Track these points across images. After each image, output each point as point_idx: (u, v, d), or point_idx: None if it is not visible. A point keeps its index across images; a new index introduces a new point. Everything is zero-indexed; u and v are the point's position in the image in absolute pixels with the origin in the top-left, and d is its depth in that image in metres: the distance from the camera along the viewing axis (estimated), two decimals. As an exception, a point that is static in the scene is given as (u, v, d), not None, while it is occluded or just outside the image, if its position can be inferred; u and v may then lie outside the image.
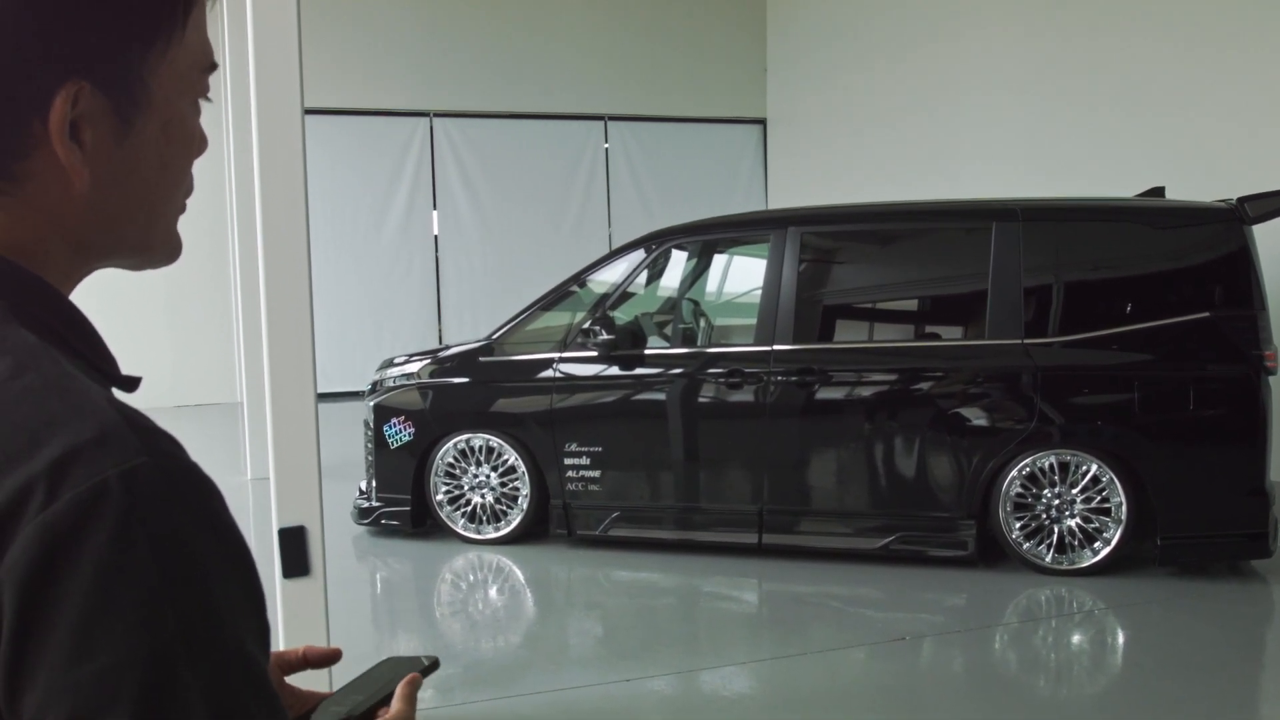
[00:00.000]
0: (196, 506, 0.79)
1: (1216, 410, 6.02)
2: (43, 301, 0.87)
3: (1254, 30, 8.26)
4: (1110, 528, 6.06)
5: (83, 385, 0.81)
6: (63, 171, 0.86)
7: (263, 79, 3.55)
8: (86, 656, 0.72)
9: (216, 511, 0.80)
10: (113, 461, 0.75)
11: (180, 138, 0.95)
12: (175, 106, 0.93)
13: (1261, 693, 4.96)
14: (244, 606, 0.80)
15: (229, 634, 0.78)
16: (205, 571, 0.77)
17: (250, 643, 0.79)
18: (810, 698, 4.73)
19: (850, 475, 6.47)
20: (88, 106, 0.85)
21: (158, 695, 0.73)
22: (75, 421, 0.77)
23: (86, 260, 0.92)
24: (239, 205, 9.03)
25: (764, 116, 15.23)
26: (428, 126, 13.98)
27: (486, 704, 4.63)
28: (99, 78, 0.86)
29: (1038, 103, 10.35)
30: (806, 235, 6.69)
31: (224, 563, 0.79)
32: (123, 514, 0.74)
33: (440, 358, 7.28)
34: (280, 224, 3.57)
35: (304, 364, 3.58)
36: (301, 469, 3.58)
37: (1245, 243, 5.98)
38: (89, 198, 0.88)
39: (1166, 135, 8.95)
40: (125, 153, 0.89)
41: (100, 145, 0.87)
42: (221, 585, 0.78)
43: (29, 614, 0.72)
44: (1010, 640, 5.40)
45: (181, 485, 0.78)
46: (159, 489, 0.76)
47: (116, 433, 0.77)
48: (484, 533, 6.97)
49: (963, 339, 6.61)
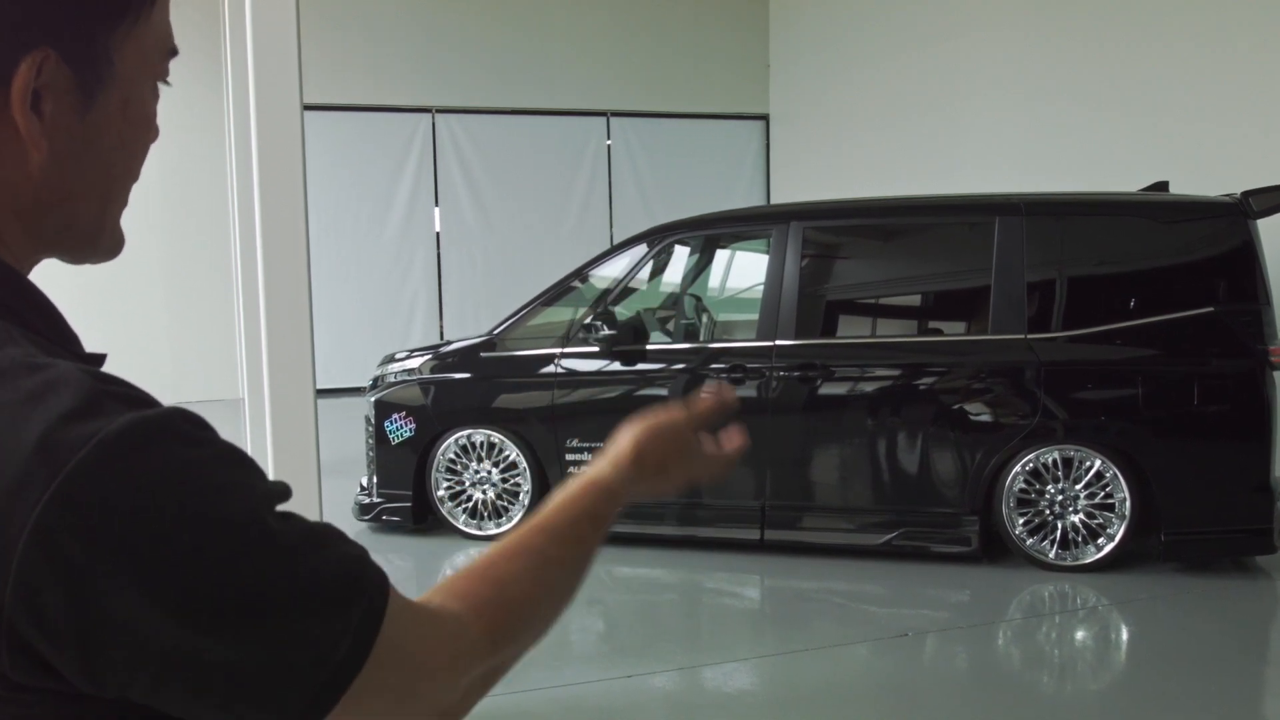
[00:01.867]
0: (190, 437, 0.80)
1: (1221, 405, 6.00)
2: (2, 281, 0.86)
3: (1258, 27, 8.23)
4: (1114, 523, 6.04)
5: (48, 359, 0.80)
6: (19, 143, 0.84)
7: (261, 74, 3.53)
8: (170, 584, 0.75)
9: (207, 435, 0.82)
10: (100, 425, 0.75)
11: (139, 118, 0.93)
12: (136, 86, 0.91)
13: (1266, 689, 4.94)
14: (262, 486, 0.83)
15: (253, 521, 0.80)
16: (218, 488, 0.79)
17: (268, 516, 0.82)
18: (813, 694, 4.72)
19: (853, 471, 6.45)
20: (51, 77, 0.84)
21: (261, 535, 0.79)
22: (51, 396, 0.77)
23: (36, 244, 0.90)
24: (240, 201, 9.00)
25: (766, 112, 15.21)
26: (430, 122, 13.96)
27: (488, 700, 4.58)
28: (65, 48, 0.84)
29: (1041, 98, 10.33)
30: (809, 230, 6.67)
31: (233, 472, 0.82)
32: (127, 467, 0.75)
33: (441, 353, 7.27)
34: (279, 220, 3.55)
35: (303, 360, 3.56)
36: (301, 465, 3.56)
37: (1250, 237, 5.96)
38: (45, 172, 0.86)
39: (1170, 130, 8.92)
40: (85, 128, 0.87)
41: (60, 118, 0.85)
42: (236, 490, 0.81)
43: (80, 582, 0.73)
44: (1014, 636, 5.38)
45: (169, 426, 0.79)
46: (151, 435, 0.77)
47: (95, 398, 0.77)
48: (485, 529, 6.96)
49: (966, 334, 6.58)
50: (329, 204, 13.26)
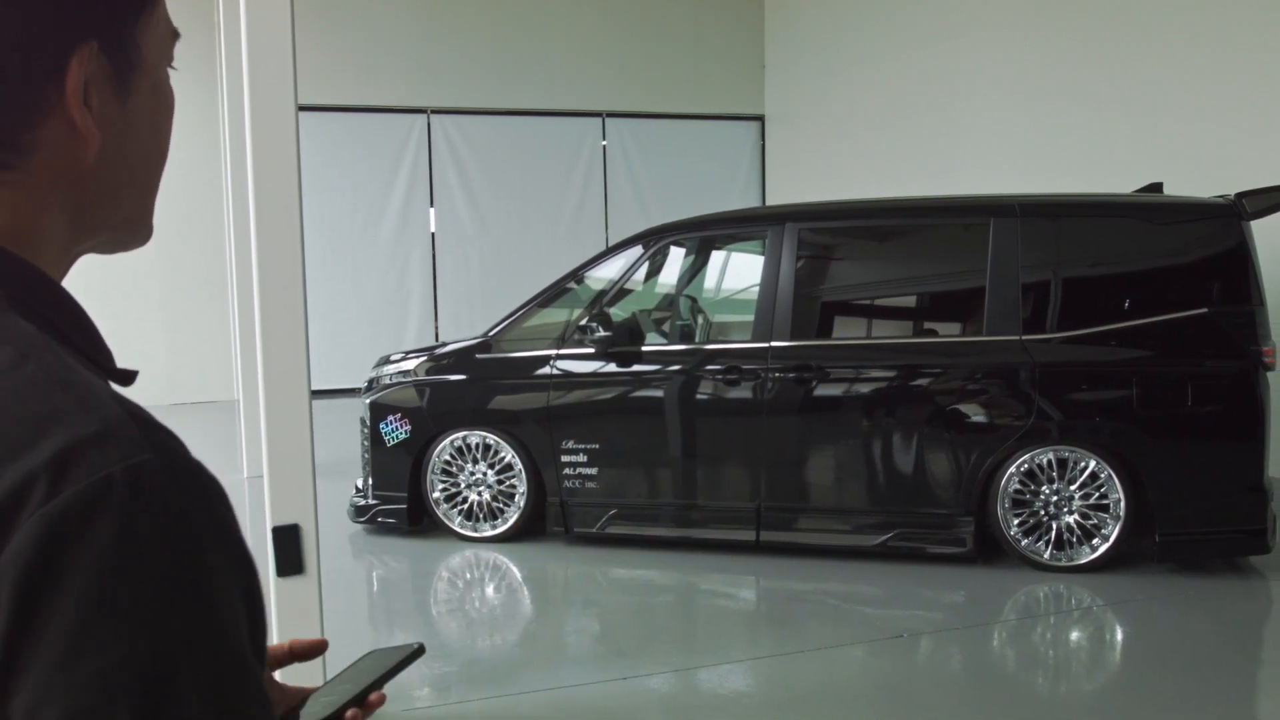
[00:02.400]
0: (201, 505, 0.77)
1: (1215, 406, 6.01)
2: (40, 292, 0.86)
3: (1254, 29, 8.24)
4: (1109, 524, 6.05)
5: (85, 378, 0.79)
6: (71, 139, 0.86)
7: (256, 75, 3.53)
8: (86, 655, 0.70)
9: (220, 511, 0.79)
10: (117, 457, 0.74)
11: (166, 102, 0.96)
12: (159, 70, 0.94)
13: (1260, 689, 4.95)
14: (243, 610, 0.79)
15: (230, 637, 0.76)
16: (209, 572, 0.76)
17: (249, 648, 0.78)
18: (808, 695, 4.72)
19: (848, 472, 6.45)
20: (93, 70, 0.85)
21: (157, 697, 0.71)
22: (79, 415, 0.75)
23: (80, 237, 0.91)
24: (235, 202, 9.01)
25: (762, 113, 15.22)
26: (425, 123, 13.96)
27: (483, 702, 4.61)
28: (104, 40, 0.86)
29: (1036, 100, 10.34)
30: (804, 231, 6.67)
31: (227, 564, 0.78)
32: (127, 511, 0.72)
33: (437, 355, 7.26)
34: (273, 221, 3.55)
35: (297, 361, 3.56)
36: (295, 467, 3.56)
37: (1244, 238, 5.97)
38: (94, 164, 0.88)
39: (1165, 131, 8.94)
40: (126, 116, 0.89)
41: (106, 108, 0.87)
42: (224, 587, 0.77)
43: (27, 610, 0.70)
44: (1009, 637, 5.39)
45: (186, 483, 0.77)
46: (164, 486, 0.75)
47: (121, 427, 0.75)
48: (481, 530, 6.96)
49: (961, 335, 6.59)
50: (324, 205, 13.26)
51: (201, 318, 13.07)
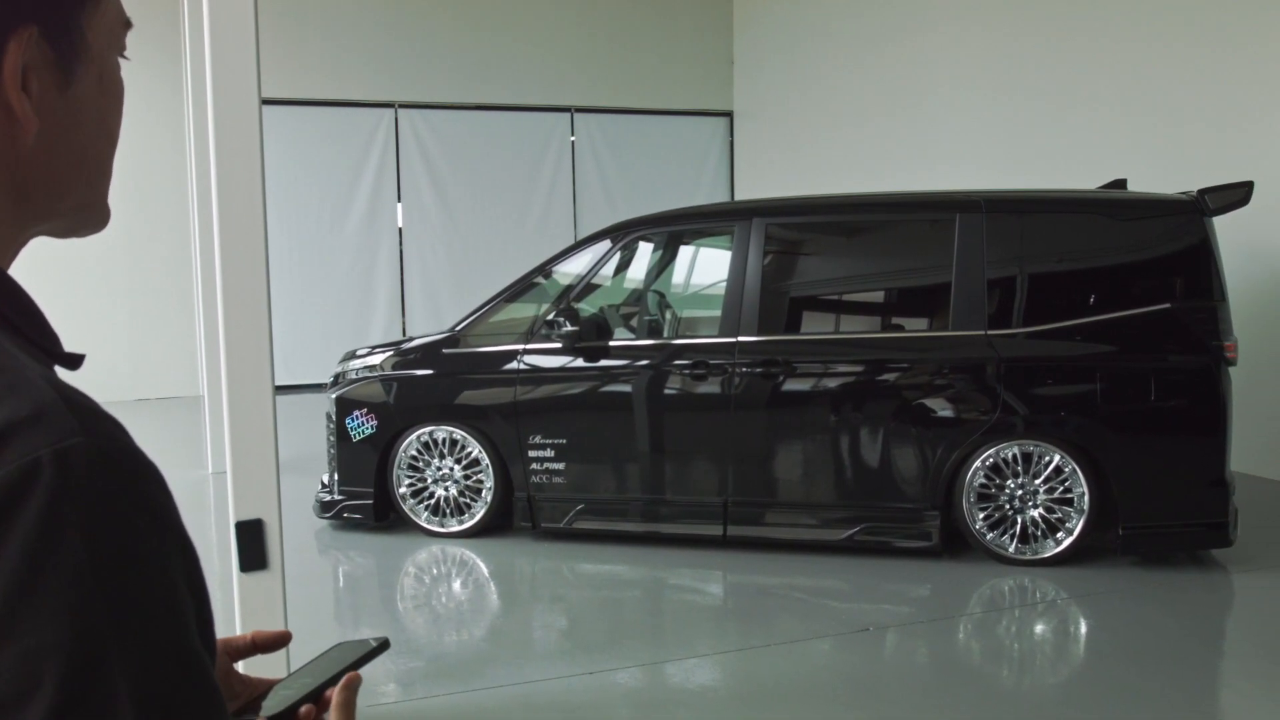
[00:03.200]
0: (134, 490, 0.77)
1: (1178, 401, 6.06)
2: None
3: (1214, 27, 8.32)
4: (1073, 518, 6.09)
5: (18, 362, 0.78)
6: (7, 124, 0.85)
7: (219, 68, 3.49)
8: (10, 639, 0.70)
9: (155, 497, 0.78)
10: (46, 440, 0.73)
11: (114, 91, 0.95)
12: (107, 59, 0.93)
13: (1221, 680, 5.00)
14: (182, 595, 0.78)
15: (164, 622, 0.76)
16: (140, 557, 0.75)
17: (188, 633, 0.77)
18: (775, 689, 4.73)
19: (815, 467, 6.47)
20: (34, 56, 0.84)
21: (82, 681, 0.71)
22: (9, 398, 0.75)
23: (25, 222, 0.90)
24: (200, 196, 8.94)
25: (730, 109, 15.24)
26: (393, 118, 13.90)
27: (449, 698, 4.60)
28: (46, 25, 0.85)
29: (1002, 97, 10.40)
30: (771, 227, 6.68)
31: (161, 549, 0.77)
32: (53, 494, 0.72)
33: (403, 350, 7.23)
34: (236, 215, 3.52)
35: (261, 356, 3.53)
36: (259, 462, 3.54)
37: (1206, 234, 6.02)
38: (35, 150, 0.87)
39: (1128, 129, 9.01)
40: (68, 104, 0.88)
41: (45, 95, 0.86)
42: (158, 572, 0.76)
43: None
44: (974, 630, 5.42)
45: (119, 468, 0.76)
46: (94, 471, 0.74)
47: (52, 411, 0.75)
48: (448, 526, 6.94)
49: (927, 330, 6.62)
50: (291, 200, 13.19)
51: (167, 313, 12.97)
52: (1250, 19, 8.05)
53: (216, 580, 6.07)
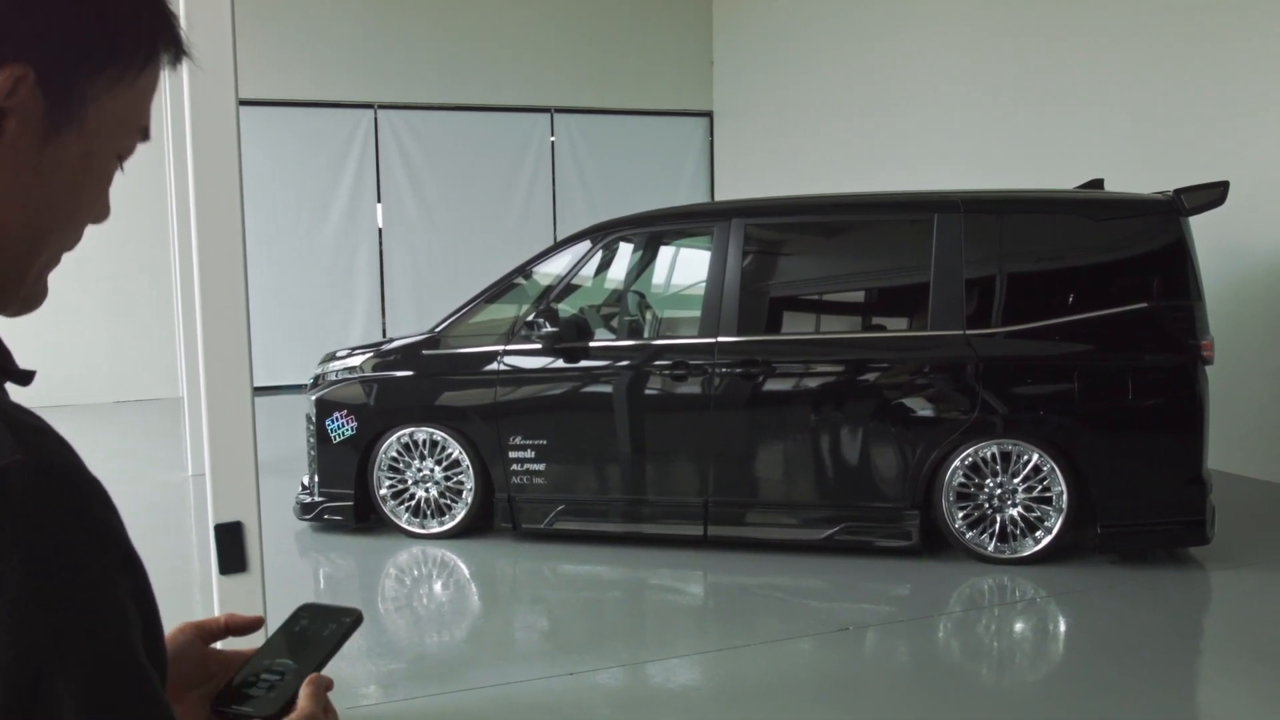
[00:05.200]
0: (75, 508, 0.76)
1: (1155, 399, 6.10)
2: None
3: (1192, 28, 8.37)
4: (1051, 516, 6.12)
5: None
6: None
7: (196, 69, 3.48)
8: None
9: (98, 514, 0.77)
10: None
11: (97, 176, 0.89)
12: (102, 145, 0.88)
13: (1199, 677, 5.04)
14: (127, 612, 0.77)
15: (108, 640, 0.75)
16: (81, 575, 0.74)
17: (133, 650, 0.77)
18: (756, 688, 4.74)
19: (795, 467, 6.48)
20: (22, 100, 0.81)
21: (24, 701, 0.70)
22: None
23: None
24: (178, 198, 8.90)
25: (710, 109, 15.26)
26: (372, 118, 13.86)
27: (430, 699, 4.60)
28: (44, 73, 0.81)
29: (980, 97, 10.44)
30: (750, 227, 6.69)
31: (103, 567, 0.76)
32: None
33: (383, 351, 7.21)
34: (214, 216, 3.51)
35: (239, 358, 3.52)
36: (238, 464, 3.53)
37: (1182, 234, 6.06)
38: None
39: (1105, 129, 9.06)
40: (40, 161, 0.84)
41: (19, 142, 0.82)
42: (100, 590, 0.76)
43: None
44: (954, 629, 5.44)
45: (59, 486, 0.75)
46: (33, 490, 0.73)
47: None
48: (428, 527, 6.92)
49: (906, 330, 6.64)
50: (269, 201, 13.13)
51: (146, 314, 12.90)
52: (1227, 20, 8.10)
53: (197, 583, 6.05)
